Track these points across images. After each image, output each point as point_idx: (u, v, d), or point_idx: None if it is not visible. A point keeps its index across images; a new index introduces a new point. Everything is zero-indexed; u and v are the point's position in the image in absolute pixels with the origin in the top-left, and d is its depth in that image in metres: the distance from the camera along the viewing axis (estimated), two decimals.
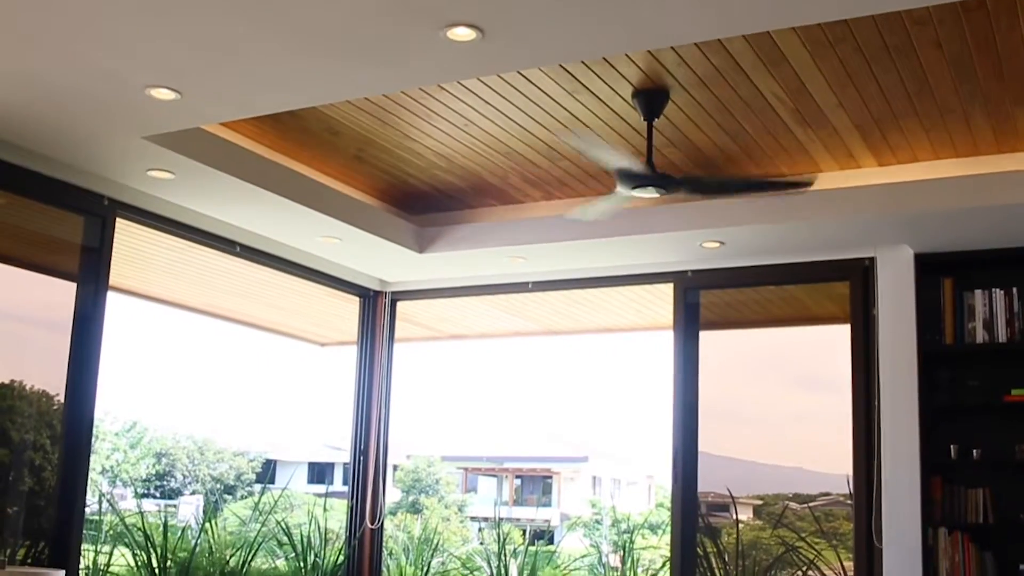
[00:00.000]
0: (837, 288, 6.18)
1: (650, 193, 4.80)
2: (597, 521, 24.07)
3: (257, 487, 27.13)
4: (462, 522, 24.74)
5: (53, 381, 5.17)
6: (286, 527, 7.36)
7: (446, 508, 25.63)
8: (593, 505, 26.45)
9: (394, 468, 25.26)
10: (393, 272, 7.11)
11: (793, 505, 6.52)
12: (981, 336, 5.60)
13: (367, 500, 7.25)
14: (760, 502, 6.72)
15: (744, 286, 6.49)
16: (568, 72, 4.42)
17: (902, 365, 5.68)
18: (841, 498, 6.21)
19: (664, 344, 6.54)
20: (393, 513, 19.24)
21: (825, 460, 6.26)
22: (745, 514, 6.63)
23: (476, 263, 6.65)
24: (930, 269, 5.73)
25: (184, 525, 7.88)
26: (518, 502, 28.99)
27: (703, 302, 6.51)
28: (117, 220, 5.35)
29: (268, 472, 28.40)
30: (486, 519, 24.12)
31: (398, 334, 7.48)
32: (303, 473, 29.17)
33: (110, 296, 5.33)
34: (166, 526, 6.73)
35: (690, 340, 6.43)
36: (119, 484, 27.28)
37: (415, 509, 24.85)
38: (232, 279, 7.09)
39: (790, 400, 6.53)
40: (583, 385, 40.06)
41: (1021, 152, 5.11)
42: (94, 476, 23.20)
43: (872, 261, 5.92)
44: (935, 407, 5.64)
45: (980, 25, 3.89)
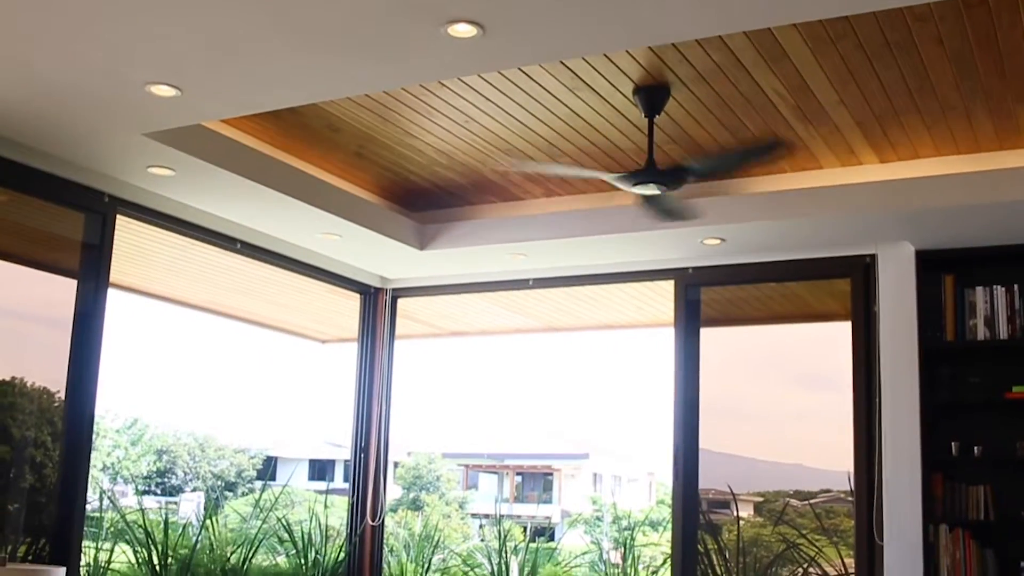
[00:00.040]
0: (838, 285, 6.18)
1: (651, 190, 4.80)
2: (598, 518, 24.09)
3: (258, 484, 27.19)
4: (463, 519, 24.76)
5: (54, 378, 5.17)
6: (287, 524, 7.35)
7: (447, 505, 25.65)
8: (594, 502, 26.44)
9: (395, 465, 25.28)
10: (394, 269, 7.11)
11: (794, 502, 6.52)
12: (982, 333, 5.60)
13: (368, 497, 7.26)
14: (761, 499, 6.72)
15: (745, 283, 6.49)
16: (569, 69, 4.42)
17: (903, 362, 5.68)
18: (842, 495, 6.21)
19: (665, 341, 6.55)
20: (394, 510, 19.25)
21: (826, 457, 6.26)
22: (746, 511, 6.62)
23: (477, 260, 6.65)
24: (931, 266, 5.72)
25: (185, 522, 7.88)
26: (519, 499, 29.00)
27: (704, 299, 6.51)
28: (118, 217, 5.35)
29: (269, 469, 28.40)
30: (487, 516, 24.14)
31: (399, 331, 7.48)
32: (304, 470, 29.20)
33: (111, 293, 5.33)
34: (167, 523, 6.73)
35: (691, 337, 6.43)
36: (120, 481, 27.30)
37: (416, 506, 24.88)
38: (233, 276, 7.09)
39: (791, 397, 6.52)
40: (584, 382, 40.05)
41: (1022, 149, 5.10)
42: (95, 473, 23.20)
43: (873, 258, 5.92)
44: (936, 404, 5.64)
45: (981, 21, 3.88)
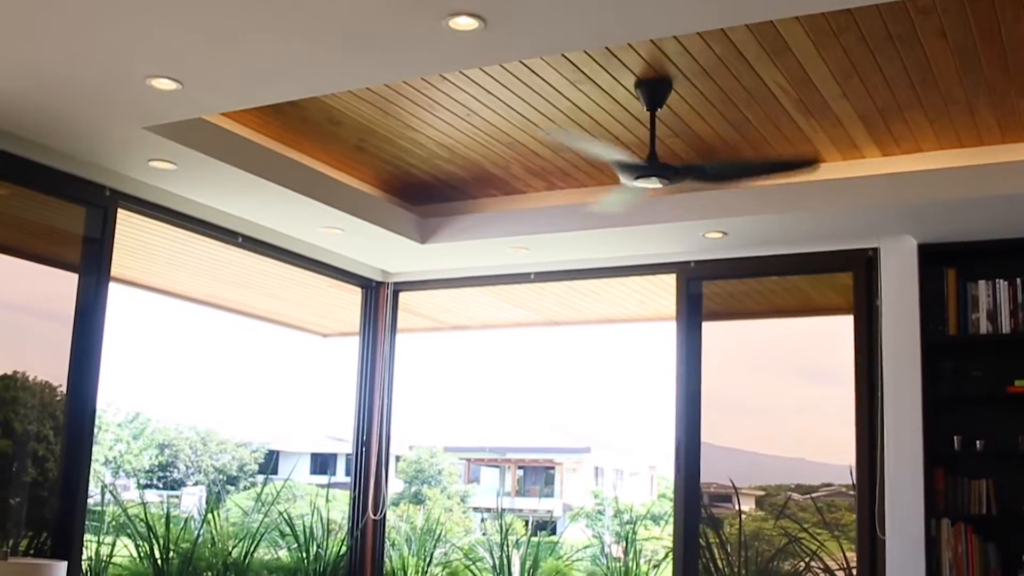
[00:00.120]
0: (840, 279, 6.17)
1: (653, 183, 4.80)
2: (599, 512, 24.10)
3: (260, 478, 27.19)
4: (464, 513, 24.78)
5: (55, 372, 5.17)
6: (289, 518, 7.36)
7: (449, 499, 25.67)
8: (596, 496, 26.46)
9: (396, 459, 25.31)
10: (395, 263, 7.11)
11: (796, 496, 6.52)
12: (984, 327, 5.59)
13: (370, 491, 7.26)
14: (763, 493, 6.73)
15: (747, 277, 6.48)
16: (571, 62, 4.41)
17: (905, 356, 5.67)
18: (844, 489, 6.21)
19: (667, 335, 6.54)
20: (396, 504, 19.25)
21: (828, 451, 6.26)
22: (747, 505, 6.62)
23: (478, 253, 6.64)
24: (933, 260, 5.71)
25: (187, 516, 7.88)
26: (521, 493, 29.05)
27: (706, 293, 6.50)
28: (119, 211, 5.34)
29: (271, 463, 28.42)
30: (489, 510, 24.19)
31: (400, 325, 7.48)
32: (306, 464, 29.23)
33: (112, 287, 5.33)
34: (169, 517, 6.72)
35: (693, 331, 6.42)
36: (122, 475, 27.33)
37: (418, 500, 24.89)
38: (234, 270, 7.09)
39: (793, 391, 6.52)
40: (585, 376, 40.06)
41: None
42: (97, 467, 23.24)
43: (875, 252, 5.91)
44: (938, 398, 5.63)
45: (985, 15, 3.87)
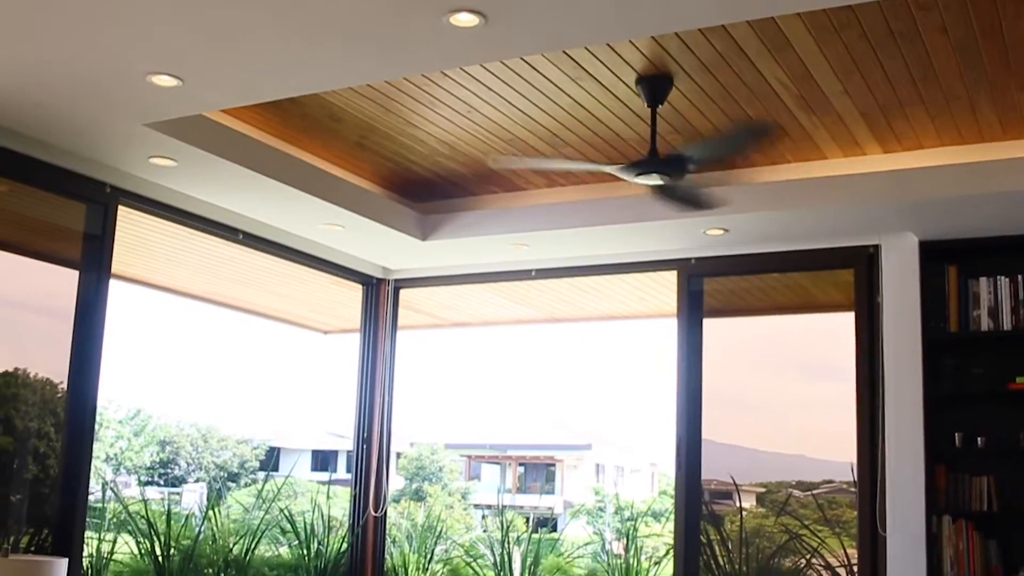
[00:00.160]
0: (841, 275, 6.17)
1: (655, 180, 4.79)
2: (600, 509, 24.07)
3: (261, 475, 27.19)
4: (465, 509, 24.77)
5: (56, 369, 5.17)
6: (289, 515, 7.36)
7: (449, 496, 25.66)
8: (596, 493, 26.44)
9: (397, 456, 25.31)
10: (396, 260, 7.10)
11: (796, 493, 6.52)
12: (986, 324, 5.59)
13: (370, 488, 7.26)
14: (763, 490, 6.73)
15: (748, 273, 6.48)
16: (571, 58, 4.40)
17: (906, 353, 5.67)
18: (844, 486, 6.21)
19: (668, 332, 6.54)
20: (396, 501, 19.26)
21: (829, 448, 6.26)
22: (748, 502, 6.63)
23: (479, 250, 6.64)
24: (934, 256, 5.71)
25: (188, 513, 7.88)
26: (521, 490, 29.03)
27: (707, 289, 6.50)
28: (119, 208, 5.34)
29: (272, 460, 28.42)
30: (489, 507, 24.17)
31: (401, 322, 7.48)
32: (306, 461, 29.22)
33: (112, 284, 5.33)
34: (170, 514, 6.72)
35: (694, 328, 6.42)
36: (123, 472, 27.33)
37: (418, 497, 24.88)
38: (235, 267, 7.09)
39: (794, 388, 6.53)
40: (586, 373, 40.01)
41: None
42: (98, 464, 23.27)
43: (876, 248, 5.91)
44: (939, 395, 5.62)
45: (986, 11, 3.86)
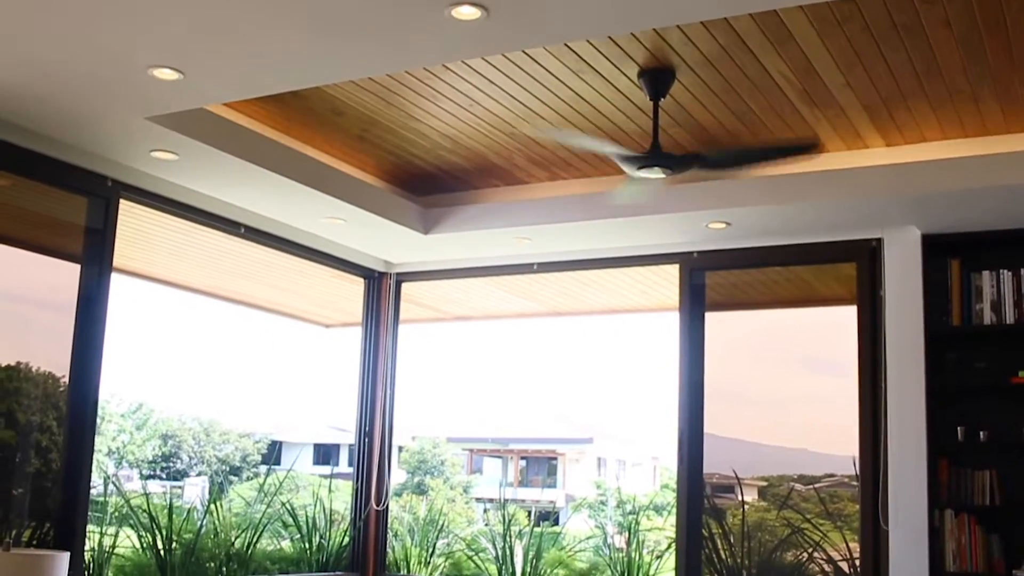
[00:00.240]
0: (844, 269, 6.16)
1: (656, 173, 4.78)
2: (602, 502, 24.08)
3: (263, 468, 27.21)
4: (467, 503, 24.78)
5: (58, 362, 5.17)
6: (291, 508, 7.36)
7: (451, 489, 25.67)
8: (598, 486, 26.47)
9: (399, 449, 25.32)
10: (398, 253, 7.10)
11: (798, 486, 6.51)
12: (988, 317, 5.58)
13: (372, 481, 7.26)
14: (765, 483, 6.72)
15: (750, 267, 6.47)
16: (573, 52, 4.39)
17: (909, 347, 5.66)
18: (846, 479, 6.21)
19: (670, 325, 6.53)
20: (398, 494, 19.25)
21: (831, 441, 6.25)
22: (750, 495, 6.62)
23: (481, 244, 6.63)
24: (937, 250, 5.70)
25: (190, 506, 7.86)
26: (523, 483, 29.04)
27: (709, 283, 6.49)
28: (121, 201, 5.34)
29: (273, 453, 28.43)
30: (491, 500, 24.16)
31: (403, 315, 7.48)
32: (308, 454, 29.23)
33: (114, 278, 5.33)
34: (171, 507, 6.71)
35: (696, 321, 6.42)
36: (125, 465, 27.35)
37: (420, 490, 24.91)
38: (236, 260, 7.08)
39: (796, 381, 6.51)
40: (588, 366, 39.98)
41: None
42: (100, 457, 23.25)
43: (879, 242, 5.90)
44: (942, 389, 5.61)
45: (989, 4, 3.85)
